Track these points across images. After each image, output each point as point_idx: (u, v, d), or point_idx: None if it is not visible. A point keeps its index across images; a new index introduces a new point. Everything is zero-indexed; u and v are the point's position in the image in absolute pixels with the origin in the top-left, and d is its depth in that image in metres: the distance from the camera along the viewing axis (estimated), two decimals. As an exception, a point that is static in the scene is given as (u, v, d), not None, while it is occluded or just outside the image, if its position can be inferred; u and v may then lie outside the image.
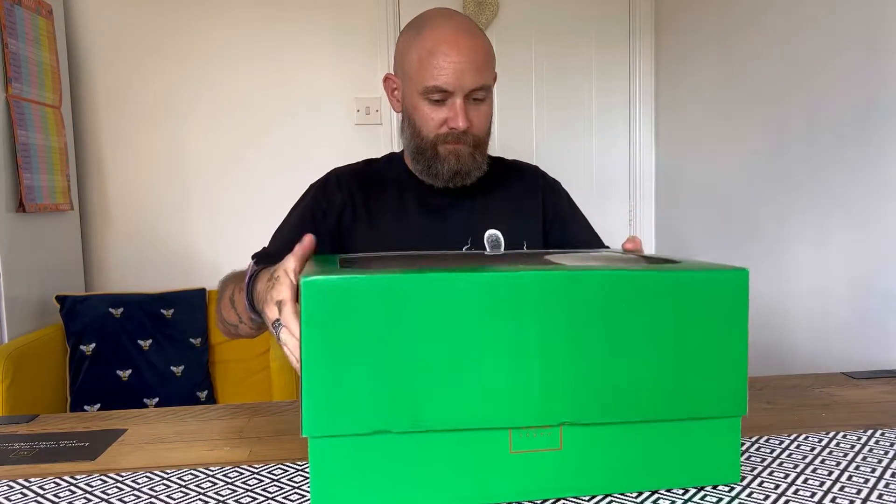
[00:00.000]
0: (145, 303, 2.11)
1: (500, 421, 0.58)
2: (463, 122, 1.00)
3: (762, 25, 1.89)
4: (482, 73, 1.00)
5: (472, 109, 1.02)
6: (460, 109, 1.00)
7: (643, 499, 0.60)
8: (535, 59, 2.63)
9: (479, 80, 1.00)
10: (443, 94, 1.00)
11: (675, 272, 0.60)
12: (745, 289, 0.61)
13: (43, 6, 2.09)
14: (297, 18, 2.44)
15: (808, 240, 1.72)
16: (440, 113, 1.02)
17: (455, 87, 0.99)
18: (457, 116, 1.00)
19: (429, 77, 0.99)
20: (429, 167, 1.06)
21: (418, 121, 1.04)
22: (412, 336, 0.56)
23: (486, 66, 1.02)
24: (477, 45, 1.01)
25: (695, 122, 2.35)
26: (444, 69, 0.98)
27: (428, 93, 1.00)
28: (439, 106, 1.01)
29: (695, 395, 0.60)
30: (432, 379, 0.56)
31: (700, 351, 0.60)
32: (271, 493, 0.63)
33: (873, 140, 1.48)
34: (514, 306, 0.57)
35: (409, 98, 1.05)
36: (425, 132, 1.04)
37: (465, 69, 0.98)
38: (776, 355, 1.82)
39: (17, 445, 0.77)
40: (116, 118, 2.40)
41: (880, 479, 0.63)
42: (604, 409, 0.59)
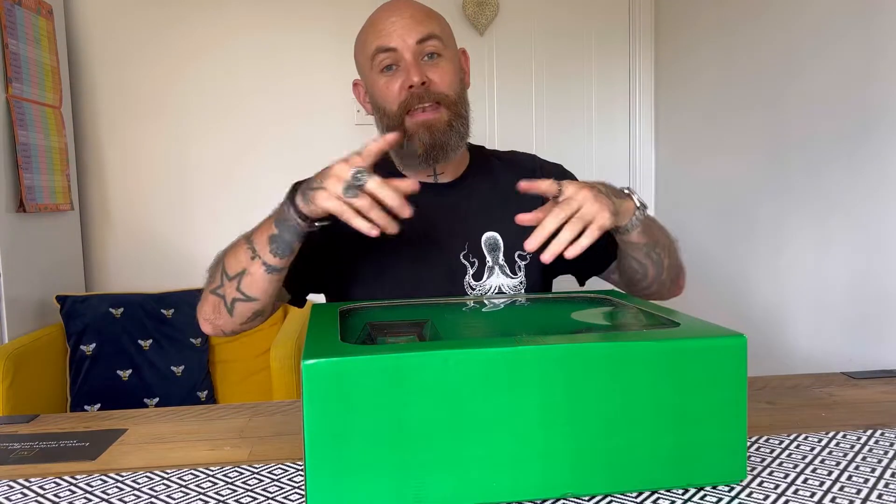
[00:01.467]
0: (145, 303, 2.11)
1: (503, 495, 0.58)
2: (417, 75, 0.94)
3: (762, 26, 1.89)
4: (424, 24, 0.97)
5: (428, 66, 0.97)
6: (412, 64, 0.95)
7: (643, 499, 0.60)
8: (535, 59, 2.63)
9: (424, 30, 0.96)
10: (390, 53, 0.96)
11: (672, 341, 0.61)
12: (744, 355, 0.61)
13: (43, 6, 2.09)
14: (298, 18, 2.44)
15: (807, 240, 1.72)
16: (395, 79, 0.97)
17: (398, 43, 0.96)
18: (409, 72, 0.95)
19: (373, 43, 0.97)
20: (406, 150, 0.99)
21: (379, 99, 0.99)
22: (413, 414, 0.56)
23: (428, 18, 0.99)
24: (415, 6, 1.00)
25: (694, 123, 2.35)
26: (383, 30, 0.97)
27: (376, 60, 0.97)
28: (393, 74, 0.97)
29: (694, 462, 0.61)
30: (434, 455, 0.57)
31: (699, 418, 0.60)
32: (271, 493, 0.63)
33: (872, 141, 1.48)
34: (514, 380, 0.57)
35: (368, 83, 1.02)
36: (388, 107, 0.98)
37: (405, 24, 0.96)
38: (776, 355, 1.82)
39: (18, 445, 0.77)
40: (116, 118, 2.40)
41: (880, 479, 0.63)
42: (605, 479, 0.60)
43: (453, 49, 1.03)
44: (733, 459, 0.61)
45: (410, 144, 0.98)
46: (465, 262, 1.04)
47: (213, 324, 0.96)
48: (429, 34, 0.97)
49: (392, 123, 0.98)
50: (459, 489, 0.57)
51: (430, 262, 1.03)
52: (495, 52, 2.60)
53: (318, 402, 0.55)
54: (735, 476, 0.62)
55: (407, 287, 1.00)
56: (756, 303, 1.94)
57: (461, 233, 1.04)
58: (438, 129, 0.97)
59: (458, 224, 1.05)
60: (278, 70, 2.46)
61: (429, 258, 1.03)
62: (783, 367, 1.78)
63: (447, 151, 0.99)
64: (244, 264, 0.88)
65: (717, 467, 0.61)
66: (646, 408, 0.59)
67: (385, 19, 0.98)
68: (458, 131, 1.00)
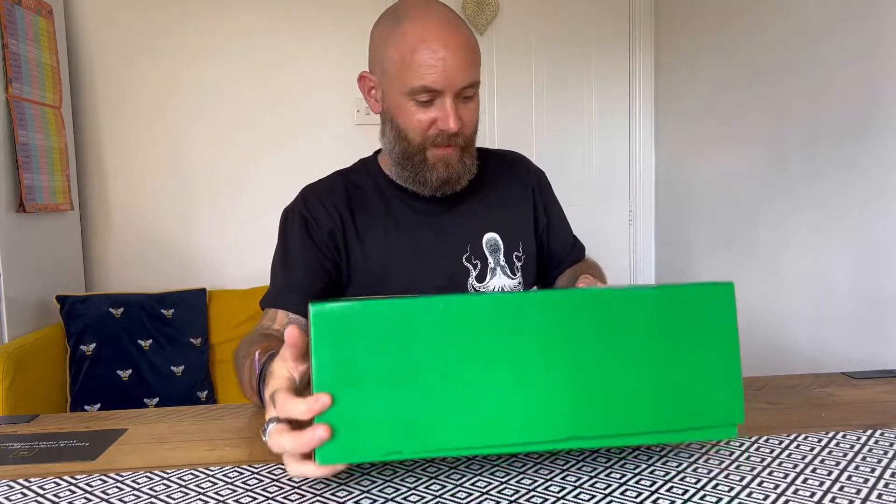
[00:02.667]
0: (145, 303, 2.11)
1: (506, 438, 0.58)
2: (455, 124, 0.93)
3: (762, 28, 1.89)
4: (472, 69, 0.93)
5: (462, 108, 0.95)
6: (451, 110, 0.92)
7: (643, 499, 0.60)
8: (535, 59, 2.63)
9: (470, 77, 0.93)
10: (431, 93, 0.92)
11: (664, 288, 0.62)
12: (732, 300, 0.63)
13: (43, 6, 2.09)
14: (298, 19, 2.44)
15: (807, 240, 1.72)
16: (428, 114, 0.94)
17: (445, 85, 0.91)
18: (448, 118, 0.93)
19: (415, 77, 0.91)
20: (416, 174, 0.99)
21: (403, 124, 0.96)
22: (417, 360, 0.57)
23: (475, 60, 0.94)
24: (464, 39, 0.92)
25: (695, 124, 2.35)
26: (431, 67, 0.90)
27: (415, 94, 0.93)
28: (427, 107, 0.94)
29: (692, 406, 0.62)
30: (438, 399, 0.57)
31: (694, 362, 0.62)
32: (271, 493, 0.63)
33: (873, 142, 1.48)
34: (517, 326, 0.58)
35: (391, 99, 0.97)
36: (412, 135, 0.96)
37: (454, 66, 0.90)
38: (776, 355, 1.82)
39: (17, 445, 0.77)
40: (116, 118, 2.40)
41: (880, 479, 0.63)
42: (606, 422, 0.60)
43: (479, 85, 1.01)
44: (730, 403, 0.62)
45: (428, 174, 0.98)
46: (467, 265, 1.04)
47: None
48: (472, 82, 0.94)
49: (412, 150, 0.97)
50: (462, 432, 0.58)
51: (434, 267, 1.03)
52: (495, 52, 2.60)
53: (326, 349, 0.56)
54: (733, 418, 0.62)
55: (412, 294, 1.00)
56: (756, 303, 1.94)
57: (462, 236, 1.04)
58: (453, 166, 0.98)
59: (458, 227, 1.05)
60: (278, 70, 2.46)
61: (432, 263, 1.03)
62: (783, 367, 1.78)
63: (458, 184, 1.01)
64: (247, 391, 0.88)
65: (715, 411, 0.62)
66: (642, 353, 0.61)
67: (434, 52, 0.90)
68: (469, 166, 1.01)
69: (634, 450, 0.71)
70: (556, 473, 0.66)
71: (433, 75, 0.91)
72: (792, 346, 1.78)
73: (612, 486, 0.63)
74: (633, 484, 0.63)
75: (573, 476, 0.65)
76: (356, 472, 0.67)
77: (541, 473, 0.66)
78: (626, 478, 0.64)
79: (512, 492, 0.62)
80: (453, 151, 0.97)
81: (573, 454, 0.70)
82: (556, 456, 0.70)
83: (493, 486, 0.63)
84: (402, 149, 0.98)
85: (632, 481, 0.64)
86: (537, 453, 0.70)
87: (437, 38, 0.90)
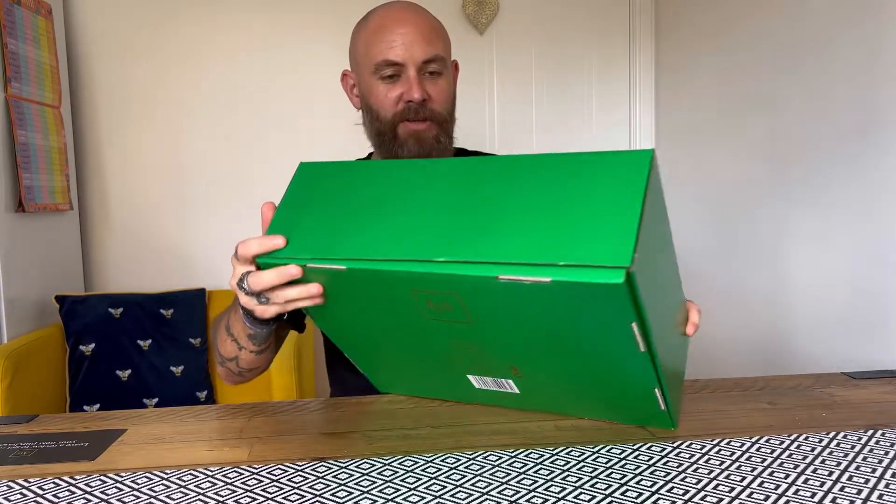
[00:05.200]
0: (145, 303, 2.11)
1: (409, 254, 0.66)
2: (418, 93, 0.98)
3: (762, 26, 1.89)
4: (432, 44, 0.99)
5: (429, 82, 1.00)
6: (414, 80, 0.98)
7: (643, 499, 0.60)
8: (535, 59, 2.63)
9: (431, 50, 0.99)
10: (394, 67, 0.98)
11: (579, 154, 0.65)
12: (646, 164, 0.61)
13: (43, 6, 2.09)
14: (297, 19, 2.44)
15: (807, 240, 1.72)
16: (395, 90, 0.99)
17: (405, 58, 0.98)
18: (411, 88, 0.98)
19: (378, 53, 0.98)
20: (389, 153, 1.03)
21: (375, 103, 1.02)
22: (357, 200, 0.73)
23: (437, 37, 1.00)
24: (423, 19, 1.00)
25: (695, 122, 2.35)
26: (392, 42, 0.97)
27: (380, 69, 0.99)
28: (393, 82, 0.99)
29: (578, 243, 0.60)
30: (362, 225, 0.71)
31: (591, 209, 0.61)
32: (271, 494, 0.63)
33: (873, 143, 1.48)
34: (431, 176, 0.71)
35: (363, 84, 1.03)
36: (383, 113, 1.01)
37: (413, 40, 0.97)
38: (776, 355, 1.83)
39: (17, 445, 0.77)
40: (116, 118, 2.40)
41: (880, 479, 0.63)
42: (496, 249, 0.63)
43: (450, 66, 1.06)
44: (619, 247, 0.57)
45: (399, 151, 1.02)
46: None
47: (234, 381, 1.01)
48: (434, 56, 0.99)
49: (384, 129, 1.02)
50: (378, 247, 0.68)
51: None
52: (495, 52, 2.60)
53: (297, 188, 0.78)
54: (619, 259, 0.57)
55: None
56: (756, 303, 1.94)
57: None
58: (426, 142, 1.01)
59: None
60: (277, 69, 2.45)
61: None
62: (783, 367, 1.78)
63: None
64: (234, 352, 0.92)
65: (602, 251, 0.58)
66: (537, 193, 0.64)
67: (393, 30, 0.98)
68: (444, 146, 1.04)
69: (634, 450, 0.71)
70: (557, 474, 0.66)
71: (394, 48, 0.98)
72: (792, 346, 1.78)
73: (612, 486, 0.63)
74: (633, 484, 0.63)
75: (573, 476, 0.65)
76: (356, 473, 0.67)
77: (541, 474, 0.66)
78: (626, 478, 0.64)
79: (512, 492, 0.62)
80: (426, 127, 1.01)
81: (573, 455, 0.70)
82: (557, 456, 0.70)
83: (493, 486, 0.63)
84: (377, 129, 1.03)
85: (632, 481, 0.64)
86: (537, 454, 0.70)
87: (396, 19, 0.99)
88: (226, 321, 0.92)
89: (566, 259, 0.59)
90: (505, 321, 0.67)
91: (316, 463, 0.70)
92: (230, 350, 0.92)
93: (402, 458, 0.71)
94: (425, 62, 0.99)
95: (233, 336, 0.90)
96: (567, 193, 0.63)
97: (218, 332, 0.95)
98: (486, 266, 0.62)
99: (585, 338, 0.65)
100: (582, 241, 0.59)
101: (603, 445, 0.72)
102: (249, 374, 0.98)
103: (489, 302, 0.65)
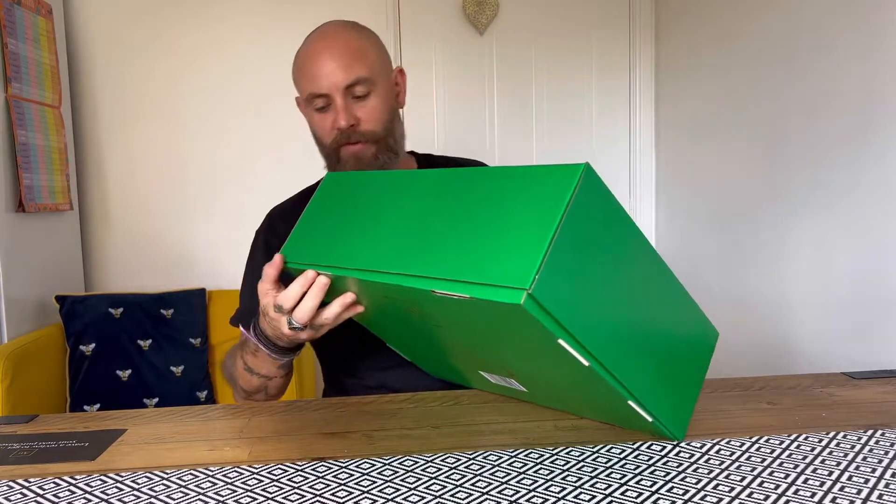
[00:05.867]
0: (145, 303, 2.11)
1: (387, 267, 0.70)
2: (344, 120, 1.01)
3: (762, 26, 1.89)
4: (352, 68, 1.00)
5: (356, 106, 1.03)
6: (340, 108, 1.01)
7: (643, 499, 0.60)
8: (535, 59, 2.63)
9: (352, 75, 1.00)
10: (322, 97, 1.01)
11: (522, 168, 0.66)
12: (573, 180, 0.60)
13: (43, 6, 2.09)
14: (298, 18, 2.44)
15: (808, 240, 1.72)
16: (327, 118, 1.03)
17: (328, 87, 1.00)
18: (338, 116, 1.01)
19: (306, 86, 1.02)
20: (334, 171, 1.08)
21: (315, 131, 1.07)
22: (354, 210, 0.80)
23: (358, 59, 1.01)
24: (342, 44, 1.02)
25: (695, 124, 2.35)
26: (314, 74, 1.01)
27: (311, 101, 1.03)
28: (325, 111, 1.03)
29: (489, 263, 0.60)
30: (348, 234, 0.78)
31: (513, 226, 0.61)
32: (271, 493, 0.63)
33: (873, 140, 1.48)
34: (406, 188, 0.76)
35: (305, 113, 1.08)
36: (324, 139, 1.06)
37: (334, 68, 1.00)
38: (776, 355, 1.83)
39: (17, 445, 0.77)
40: (116, 118, 2.40)
41: (880, 479, 0.63)
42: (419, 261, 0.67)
43: (384, 79, 1.06)
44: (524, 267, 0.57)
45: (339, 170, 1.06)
46: None
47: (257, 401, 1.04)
48: (356, 80, 1.01)
49: (328, 152, 1.07)
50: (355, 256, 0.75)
51: None
52: (495, 52, 2.60)
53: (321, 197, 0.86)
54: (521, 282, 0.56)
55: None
56: (757, 303, 1.94)
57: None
58: (365, 161, 1.05)
59: None
60: (278, 70, 2.45)
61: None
62: (783, 367, 1.78)
63: None
64: (262, 385, 0.99)
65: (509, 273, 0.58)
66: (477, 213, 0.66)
67: (314, 62, 1.01)
68: (384, 162, 1.07)
69: (634, 450, 0.71)
70: (557, 473, 0.66)
71: (317, 81, 1.01)
72: (792, 346, 1.78)
73: (612, 486, 0.63)
74: (634, 484, 0.63)
75: (573, 476, 0.65)
76: (356, 473, 0.67)
77: (541, 473, 0.66)
78: (626, 478, 0.64)
79: (512, 492, 0.62)
80: (363, 148, 1.04)
81: (573, 455, 0.70)
82: (557, 456, 0.70)
83: (493, 486, 0.63)
84: (322, 152, 1.09)
85: (632, 481, 0.64)
86: (537, 454, 0.70)
87: (316, 50, 1.02)
88: (242, 365, 0.97)
89: (480, 277, 0.60)
90: (467, 328, 0.70)
91: (316, 463, 0.70)
92: (256, 385, 0.99)
93: (402, 458, 0.71)
94: (349, 87, 1.01)
95: (259, 374, 0.96)
96: (498, 209, 0.64)
97: (236, 374, 1.00)
98: (424, 280, 0.65)
99: (537, 350, 0.65)
100: (495, 260, 0.60)
101: (603, 445, 0.72)
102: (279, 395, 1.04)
103: (443, 311, 0.68)
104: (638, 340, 0.68)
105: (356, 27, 1.06)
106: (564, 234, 0.58)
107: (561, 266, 0.58)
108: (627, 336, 0.66)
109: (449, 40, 2.56)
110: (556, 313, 0.57)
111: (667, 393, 0.72)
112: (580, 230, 0.60)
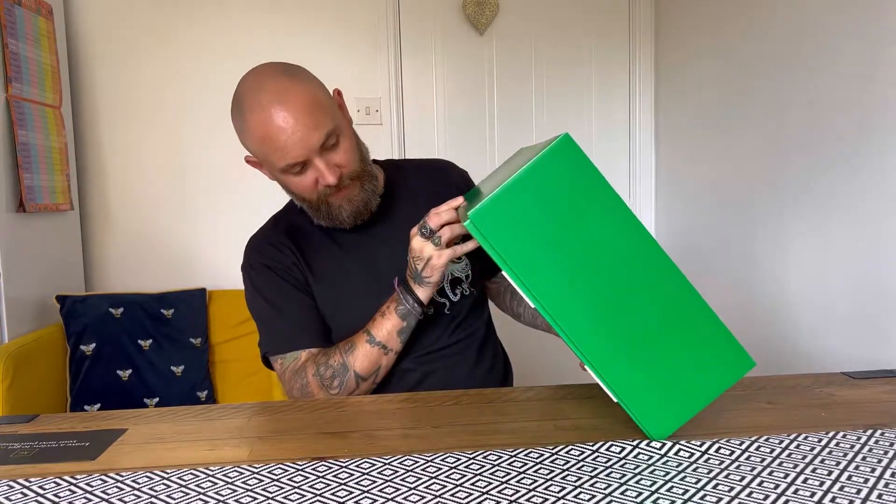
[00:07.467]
0: (145, 303, 2.11)
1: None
2: (332, 178, 1.00)
3: (762, 26, 1.89)
4: (320, 126, 0.97)
5: (333, 156, 1.01)
6: (324, 169, 0.99)
7: (643, 498, 0.60)
8: (535, 59, 2.63)
9: (322, 133, 0.97)
10: (299, 164, 0.99)
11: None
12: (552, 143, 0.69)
13: (43, 6, 2.09)
14: (297, 19, 2.44)
15: (808, 239, 1.72)
16: (308, 177, 1.01)
17: (304, 153, 0.98)
18: (324, 174, 1.00)
19: (277, 161, 0.99)
20: (329, 219, 1.08)
21: (295, 190, 1.05)
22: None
23: (318, 112, 0.98)
24: (299, 102, 0.96)
25: (695, 123, 2.35)
26: (283, 147, 0.97)
27: (287, 171, 1.00)
28: (304, 173, 1.01)
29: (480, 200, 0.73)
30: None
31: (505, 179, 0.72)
32: (271, 493, 0.63)
33: (873, 140, 1.48)
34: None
35: (275, 177, 1.06)
36: (307, 196, 1.04)
37: (302, 135, 0.96)
38: (776, 355, 1.83)
39: (17, 445, 0.77)
40: (116, 118, 2.40)
41: (880, 479, 0.63)
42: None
43: (340, 117, 1.04)
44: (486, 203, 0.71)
45: (339, 213, 1.06)
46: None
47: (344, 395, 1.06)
48: (327, 133, 0.98)
49: (315, 204, 1.06)
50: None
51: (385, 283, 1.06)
52: (495, 52, 2.60)
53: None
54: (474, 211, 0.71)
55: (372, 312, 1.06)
56: (756, 303, 1.94)
57: (400, 248, 1.06)
58: (357, 198, 1.06)
59: (395, 242, 1.10)
60: (278, 70, 2.45)
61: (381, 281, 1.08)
62: (783, 367, 1.78)
63: (369, 209, 1.10)
64: (378, 361, 1.04)
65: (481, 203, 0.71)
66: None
67: (278, 136, 0.96)
68: (371, 188, 1.08)
69: (634, 448, 0.71)
70: (557, 473, 0.66)
71: (289, 152, 0.97)
72: (792, 346, 1.78)
73: (612, 486, 0.63)
74: (634, 484, 0.63)
75: (573, 476, 0.65)
76: (356, 472, 0.67)
77: (541, 473, 0.66)
78: (626, 478, 0.64)
79: (512, 492, 0.62)
80: (350, 188, 1.05)
81: (573, 455, 0.70)
82: (557, 456, 0.70)
83: (493, 485, 0.63)
84: (308, 204, 1.07)
85: (632, 481, 0.64)
86: (537, 454, 0.70)
87: (275, 121, 0.96)
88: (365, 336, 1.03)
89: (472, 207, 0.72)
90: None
91: (316, 462, 0.70)
92: (374, 361, 1.03)
93: (402, 457, 0.71)
94: (323, 144, 0.99)
95: (380, 344, 1.02)
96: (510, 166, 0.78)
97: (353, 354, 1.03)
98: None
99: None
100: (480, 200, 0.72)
101: (602, 444, 0.72)
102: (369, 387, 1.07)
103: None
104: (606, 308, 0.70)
105: (294, 74, 1.02)
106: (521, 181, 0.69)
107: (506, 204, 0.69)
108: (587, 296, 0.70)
109: (449, 40, 2.56)
110: (491, 239, 0.69)
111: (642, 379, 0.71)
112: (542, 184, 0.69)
